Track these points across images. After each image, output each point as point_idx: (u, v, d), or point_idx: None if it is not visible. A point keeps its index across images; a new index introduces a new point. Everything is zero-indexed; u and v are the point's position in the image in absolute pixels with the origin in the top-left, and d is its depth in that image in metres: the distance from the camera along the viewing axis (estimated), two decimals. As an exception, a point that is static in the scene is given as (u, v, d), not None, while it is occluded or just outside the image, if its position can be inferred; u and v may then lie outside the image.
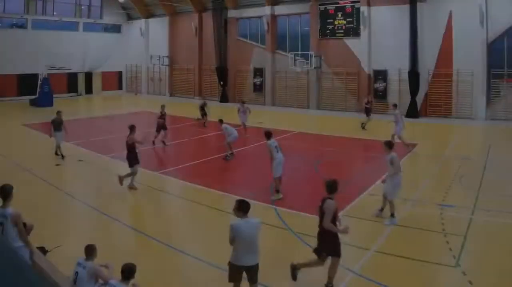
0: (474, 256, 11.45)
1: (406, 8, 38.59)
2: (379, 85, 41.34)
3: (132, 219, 15.11)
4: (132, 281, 7.89)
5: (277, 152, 16.27)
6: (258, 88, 50.14)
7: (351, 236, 12.00)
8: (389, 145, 14.40)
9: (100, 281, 8.21)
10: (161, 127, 26.93)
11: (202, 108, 35.21)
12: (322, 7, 44.63)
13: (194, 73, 56.35)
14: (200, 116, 35.02)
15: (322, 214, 9.67)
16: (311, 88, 45.72)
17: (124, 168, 18.00)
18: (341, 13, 43.65)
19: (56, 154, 23.02)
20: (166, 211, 16.17)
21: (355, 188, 17.44)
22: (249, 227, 8.64)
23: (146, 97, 59.18)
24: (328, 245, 9.75)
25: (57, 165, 22.21)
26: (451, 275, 10.54)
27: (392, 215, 13.75)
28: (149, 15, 61.66)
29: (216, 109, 44.47)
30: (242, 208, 8.75)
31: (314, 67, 44.51)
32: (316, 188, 16.98)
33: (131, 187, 17.26)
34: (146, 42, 61.87)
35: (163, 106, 27.90)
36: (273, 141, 16.50)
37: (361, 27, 41.98)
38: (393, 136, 24.35)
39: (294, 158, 21.62)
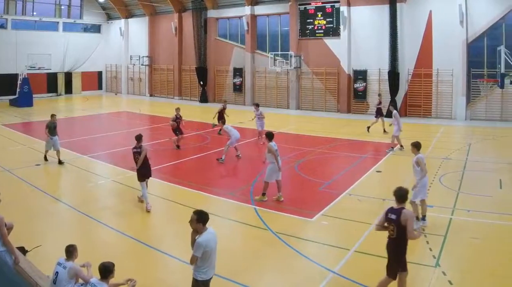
0: (454, 256, 11.24)
1: (386, 8, 37.60)
2: (359, 85, 40.14)
3: (112, 219, 14.48)
4: (111, 279, 7.78)
5: (278, 156, 15.63)
6: (238, 88, 48.82)
7: (331, 236, 12.38)
8: (418, 146, 13.71)
9: (81, 281, 8.16)
10: (175, 130, 24.90)
11: (221, 114, 29.50)
12: (302, 7, 43.34)
13: (174, 73, 54.70)
14: (216, 122, 30.39)
15: (400, 227, 8.59)
16: (291, 88, 44.47)
17: (104, 168, 18.76)
18: (321, 13, 42.39)
19: (60, 160, 21.36)
20: (145, 211, 15.17)
21: (335, 188, 17.14)
22: (214, 238, 8.13)
23: (126, 97, 57.98)
24: (403, 259, 8.80)
25: (37, 164, 21.42)
26: (431, 275, 10.28)
27: (423, 218, 13.32)
28: (128, 15, 59.95)
29: (196, 109, 44.44)
30: (202, 219, 8.02)
31: (294, 67, 43.26)
32: (295, 188, 16.89)
33: (142, 201, 15.52)
34: (126, 42, 60.07)
35: (178, 109, 25.86)
36: (274, 144, 15.73)
37: (341, 27, 40.76)
38: (395, 137, 23.95)
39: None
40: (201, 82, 50.69)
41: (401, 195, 8.90)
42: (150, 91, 58.14)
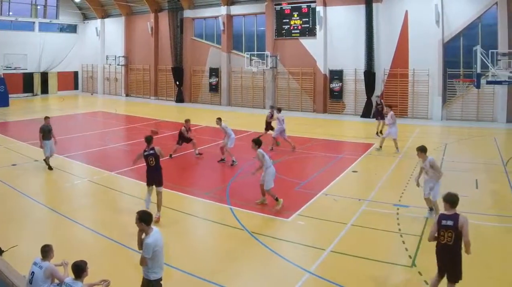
0: (430, 256, 10.21)
1: (362, 8, 36.45)
2: (335, 85, 38.72)
3: (87, 218, 13.83)
4: (86, 279, 7.55)
5: (269, 161, 14.74)
6: (214, 88, 47.06)
7: (307, 236, 12.21)
8: (425, 149, 13.09)
9: (57, 281, 7.95)
10: (181, 139, 22.17)
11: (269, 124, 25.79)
12: (278, 7, 41.81)
13: (150, 73, 52.73)
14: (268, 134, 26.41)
15: (457, 232, 8.13)
16: (267, 88, 42.92)
17: (80, 168, 18.47)
18: (297, 13, 40.91)
19: (48, 164, 19.59)
20: (122, 210, 14.74)
21: (311, 188, 16.62)
22: (161, 237, 8.05)
23: (102, 97, 56.01)
24: (460, 265, 8.37)
25: (13, 164, 20.45)
26: (407, 275, 10.04)
27: (431, 209, 13.21)
28: (105, 15, 57.77)
29: (172, 110, 43.32)
30: (144, 219, 7.93)
31: (270, 67, 41.77)
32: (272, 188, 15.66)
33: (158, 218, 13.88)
34: (102, 42, 57.79)
35: (187, 121, 22.90)
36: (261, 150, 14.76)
37: (317, 27, 39.31)
38: (395, 141, 22.89)
39: (250, 158, 20.11)
40: (177, 82, 48.99)
41: (453, 200, 8.43)
42: (126, 91, 56.01)
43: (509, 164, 20.19)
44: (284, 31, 41.77)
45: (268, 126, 25.48)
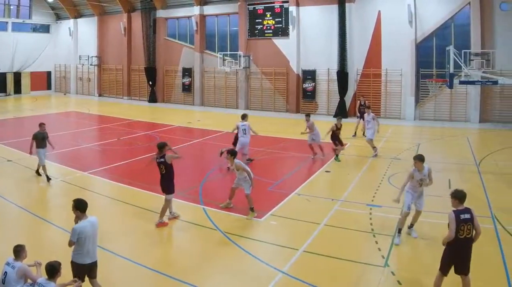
0: (403, 256, 10.67)
1: (334, 8, 34.63)
2: (308, 85, 36.91)
3: (61, 218, 13.02)
4: (58, 279, 7.35)
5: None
6: (187, 88, 44.76)
7: (280, 236, 11.83)
8: (423, 159, 11.53)
9: (30, 281, 7.68)
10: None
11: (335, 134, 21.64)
12: (250, 7, 39.71)
13: (123, 73, 50.06)
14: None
15: (473, 225, 8.14)
16: (240, 88, 40.86)
17: (53, 168, 17.45)
18: (269, 13, 38.88)
19: (38, 173, 17.58)
20: (96, 211, 13.11)
21: (284, 188, 16.08)
22: (92, 226, 8.02)
23: (75, 97, 53.22)
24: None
25: None
26: (380, 275, 9.59)
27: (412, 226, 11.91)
28: (77, 15, 54.77)
29: (145, 110, 41.47)
30: (78, 207, 8.01)
31: (243, 67, 39.70)
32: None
33: (175, 217, 13.07)
34: (75, 42, 54.79)
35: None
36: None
37: (290, 27, 37.42)
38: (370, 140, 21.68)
39: (223, 158, 19.19)
40: (150, 82, 46.62)
41: (463, 196, 8.38)
42: (99, 91, 53.18)
43: (482, 164, 19.47)
44: (257, 31, 39.76)
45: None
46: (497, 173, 18.13)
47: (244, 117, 20.57)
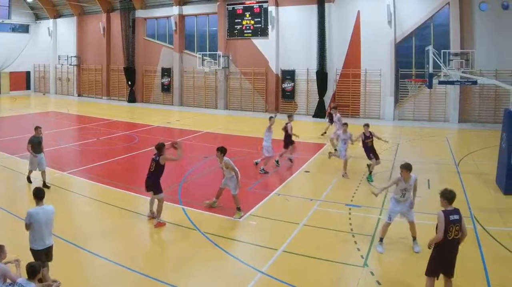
0: (382, 256, 10.16)
1: (314, 8, 33.13)
2: (287, 85, 35.29)
3: None
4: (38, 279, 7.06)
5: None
6: (166, 88, 42.74)
7: (259, 236, 11.37)
8: (411, 168, 10.42)
9: (9, 280, 7.14)
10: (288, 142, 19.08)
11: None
12: (230, 7, 37.85)
13: (102, 73, 47.81)
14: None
15: (462, 226, 7.76)
16: (219, 88, 39.04)
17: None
18: (249, 13, 37.13)
19: (45, 183, 15.20)
20: (74, 210, 13.80)
21: (264, 188, 15.69)
22: (45, 213, 8.21)
23: (54, 97, 50.82)
24: None
25: None
26: (360, 275, 9.22)
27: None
28: (57, 15, 52.17)
29: (124, 110, 39.82)
30: (36, 195, 8.30)
31: (222, 67, 37.91)
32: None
33: (153, 217, 12.38)
34: (54, 42, 52.27)
35: (290, 117, 20.11)
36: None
37: (269, 27, 35.70)
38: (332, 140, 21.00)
39: (202, 158, 19.72)
40: (129, 82, 44.46)
41: (452, 196, 7.93)
42: (78, 91, 50.74)
43: (461, 164, 18.76)
44: (236, 31, 37.92)
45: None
46: (476, 173, 17.38)
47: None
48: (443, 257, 7.75)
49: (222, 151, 12.64)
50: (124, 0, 44.33)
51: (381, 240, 10.48)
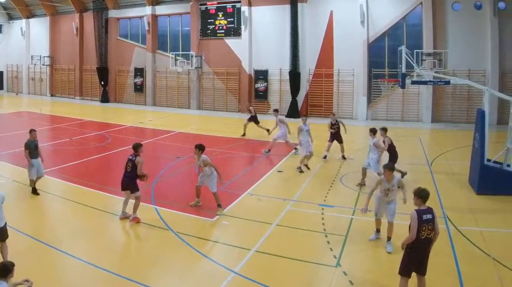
0: (355, 256, 9.64)
1: (287, 8, 30.97)
2: (260, 85, 33.07)
3: (12, 218, 10.85)
4: (11, 279, 6.61)
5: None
6: (139, 88, 39.92)
7: (232, 236, 10.89)
8: (393, 169, 10.39)
9: None
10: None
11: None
12: (203, 7, 35.34)
13: (75, 73, 44.66)
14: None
15: (435, 225, 7.28)
16: (192, 88, 36.57)
17: (5, 168, 16.70)
18: (222, 13, 34.74)
19: (33, 187, 13.72)
20: (47, 210, 13.03)
21: (236, 188, 14.72)
22: None
23: (27, 97, 47.68)
24: None
25: None
26: (332, 275, 8.69)
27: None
28: (30, 15, 48.71)
29: (97, 110, 37.60)
30: None
31: (195, 67, 35.44)
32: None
33: (126, 217, 11.71)
34: (27, 42, 48.81)
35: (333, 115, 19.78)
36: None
37: (242, 27, 33.44)
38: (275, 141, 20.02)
39: (174, 158, 18.65)
40: (102, 82, 41.55)
41: (426, 195, 7.47)
42: (51, 91, 47.49)
43: (434, 164, 17.90)
44: (209, 31, 35.46)
45: None
46: (449, 173, 16.53)
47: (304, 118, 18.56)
48: (416, 256, 7.32)
49: (200, 148, 12.12)
50: (97, 0, 41.26)
51: (377, 231, 10.23)
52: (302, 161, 16.65)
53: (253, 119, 23.84)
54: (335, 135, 18.69)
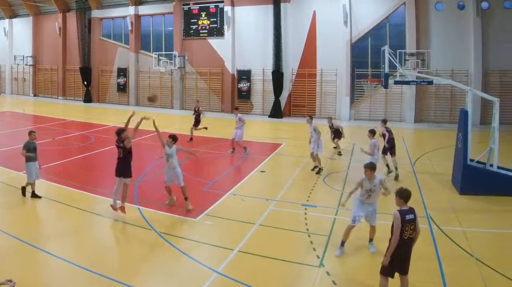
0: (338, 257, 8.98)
1: (270, 8, 29.66)
2: (243, 85, 31.77)
3: None
4: None
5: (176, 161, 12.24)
6: (122, 88, 38.29)
7: (215, 236, 10.49)
8: (375, 167, 9.64)
9: None
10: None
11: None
12: (185, 7, 33.91)
13: (58, 73, 42.82)
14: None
15: (416, 225, 7.09)
16: (175, 88, 35.13)
17: None
18: (205, 13, 33.33)
19: (31, 191, 12.81)
20: (30, 210, 12.43)
21: (219, 188, 14.19)
22: None
23: (10, 97, 45.63)
24: None
25: None
26: (315, 275, 8.32)
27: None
28: (12, 15, 46.65)
29: (80, 110, 36.16)
30: None
31: (178, 67, 34.00)
32: (179, 188, 12.60)
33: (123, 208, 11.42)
34: (10, 42, 46.64)
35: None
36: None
37: (225, 27, 32.06)
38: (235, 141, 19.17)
39: (157, 158, 17.70)
40: (85, 82, 39.75)
41: (408, 195, 7.20)
42: (34, 91, 45.50)
43: (417, 164, 17.38)
44: (192, 31, 34.04)
45: None
46: (432, 172, 16.06)
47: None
48: (398, 257, 7.06)
49: (174, 138, 12.08)
50: (80, 0, 39.51)
51: (342, 243, 9.30)
52: (316, 160, 16.06)
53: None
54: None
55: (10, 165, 16.68)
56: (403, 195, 7.24)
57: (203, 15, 34.03)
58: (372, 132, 14.09)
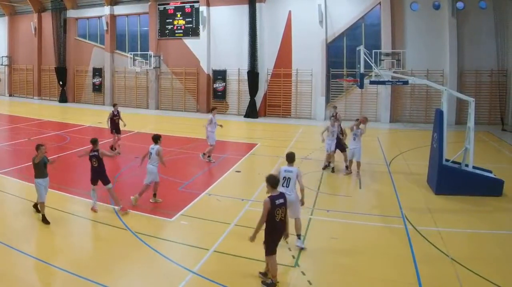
0: (313, 256, 8.63)
1: (245, 8, 26.82)
2: (218, 85, 28.90)
3: None
4: None
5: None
6: (97, 88, 34.77)
7: (190, 236, 9.85)
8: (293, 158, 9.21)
9: None
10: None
11: None
12: (161, 7, 30.60)
13: (34, 73, 38.97)
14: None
15: (285, 209, 7.32)
16: (150, 88, 31.94)
17: None
18: (180, 13, 30.21)
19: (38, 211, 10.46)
20: (7, 210, 11.35)
21: (195, 188, 13.12)
22: None
23: (-15, 97, 40.42)
24: None
25: None
26: (291, 275, 7.84)
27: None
28: None
29: (55, 110, 33.01)
30: None
31: (153, 67, 30.80)
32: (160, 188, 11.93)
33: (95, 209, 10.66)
34: None
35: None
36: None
37: (201, 27, 29.01)
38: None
39: (133, 158, 16.24)
40: (61, 82, 36.08)
41: (277, 180, 7.38)
42: (9, 91, 41.29)
43: (392, 164, 16.17)
44: (167, 31, 30.83)
45: None
46: (407, 172, 15.01)
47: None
48: (276, 237, 7.16)
49: (157, 138, 11.63)
50: (55, 0, 35.80)
51: (298, 236, 9.00)
52: (329, 158, 15.03)
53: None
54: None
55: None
56: (271, 181, 7.12)
57: (179, 15, 30.88)
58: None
